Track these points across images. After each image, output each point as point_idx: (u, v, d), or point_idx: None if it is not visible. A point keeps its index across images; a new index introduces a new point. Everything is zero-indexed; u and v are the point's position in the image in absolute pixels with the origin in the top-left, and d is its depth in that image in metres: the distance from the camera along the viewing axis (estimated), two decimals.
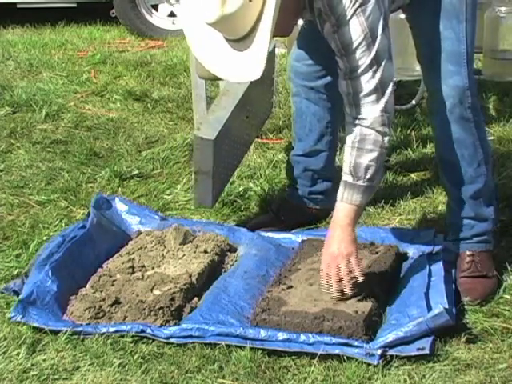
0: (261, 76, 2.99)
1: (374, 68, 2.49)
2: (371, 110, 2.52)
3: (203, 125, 3.04)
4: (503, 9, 4.59)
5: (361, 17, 2.45)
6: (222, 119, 3.03)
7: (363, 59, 2.48)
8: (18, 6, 7.13)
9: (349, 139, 2.57)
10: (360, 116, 2.53)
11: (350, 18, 2.45)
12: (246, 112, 3.22)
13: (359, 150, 2.55)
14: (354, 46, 2.47)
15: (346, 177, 2.58)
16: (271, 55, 3.32)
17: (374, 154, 2.55)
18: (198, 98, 4.03)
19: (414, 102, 4.49)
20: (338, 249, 2.56)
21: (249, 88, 3.13)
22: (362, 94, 2.51)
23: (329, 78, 3.08)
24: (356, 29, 2.46)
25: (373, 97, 2.51)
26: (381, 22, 2.48)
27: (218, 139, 3.00)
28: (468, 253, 2.86)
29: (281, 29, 2.49)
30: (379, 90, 2.51)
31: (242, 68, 2.44)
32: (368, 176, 2.56)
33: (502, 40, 4.66)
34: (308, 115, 3.17)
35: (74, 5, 7.14)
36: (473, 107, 2.75)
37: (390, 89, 2.52)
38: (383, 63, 2.49)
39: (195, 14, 2.47)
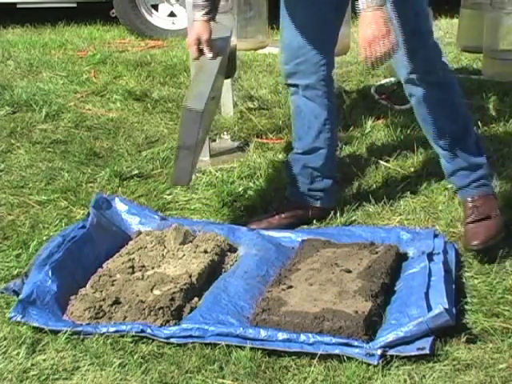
0: (224, 57, 3.16)
1: None
2: None
3: (189, 98, 3.03)
4: (503, 9, 4.59)
5: None
6: (206, 92, 3.03)
7: None
8: (18, 6, 7.12)
9: None
10: None
11: None
12: (214, 91, 3.22)
13: None
14: None
15: None
16: (228, 38, 3.36)
17: None
18: None
19: None
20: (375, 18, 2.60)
21: (219, 66, 3.15)
22: None
23: (322, 73, 3.15)
24: None
25: None
26: None
27: (204, 111, 2.99)
28: (469, 199, 3.04)
29: None
30: None
31: None
32: None
33: (501, 40, 4.67)
34: (306, 112, 3.21)
35: (74, 5, 7.14)
36: (443, 70, 2.96)
37: None
38: None
39: None
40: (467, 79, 5.00)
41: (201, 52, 3.11)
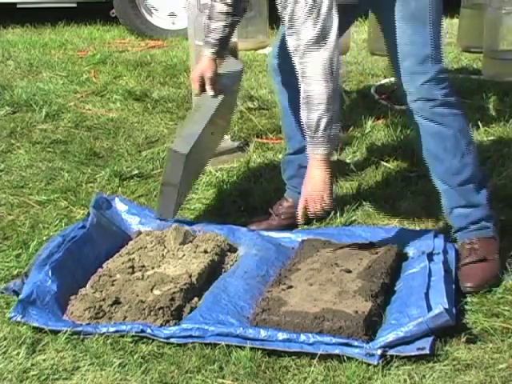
0: (230, 96, 3.22)
1: (314, 16, 2.55)
2: (313, 61, 2.58)
3: (177, 139, 3.12)
4: (503, 9, 4.59)
5: None
6: (195, 134, 3.10)
7: (300, 9, 2.55)
8: (18, 6, 7.12)
9: (300, 97, 2.68)
10: (303, 70, 2.61)
11: None
12: (213, 128, 3.29)
13: (308, 106, 2.65)
14: None
15: (306, 135, 2.71)
16: (240, 77, 3.38)
17: (323, 107, 2.62)
18: None
19: None
20: (316, 181, 2.73)
21: (219, 104, 3.19)
22: (303, 45, 2.58)
23: None
24: None
25: (315, 47, 2.57)
26: None
27: (190, 154, 3.06)
28: (467, 241, 2.91)
29: None
30: (320, 39, 2.56)
31: None
32: (322, 127, 2.65)
33: (501, 40, 4.67)
34: (293, 111, 3.20)
35: (74, 5, 7.14)
36: (446, 103, 2.82)
37: (332, 38, 2.57)
38: (323, 12, 2.55)
39: None
40: (467, 79, 5.01)
41: (203, 89, 3.13)
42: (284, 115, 3.27)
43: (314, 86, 2.61)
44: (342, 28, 3.00)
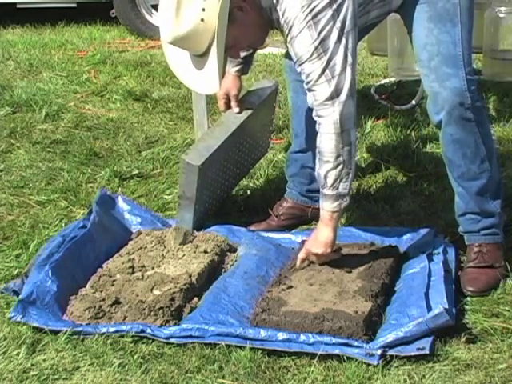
0: (260, 115, 3.20)
1: (328, 77, 2.58)
2: (326, 119, 2.62)
3: (191, 150, 3.11)
4: (503, 9, 4.58)
5: (312, 29, 2.54)
6: (211, 148, 3.09)
7: (315, 69, 2.57)
8: (18, 5, 7.13)
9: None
10: (319, 123, 2.66)
11: (302, 29, 2.55)
12: (239, 146, 3.28)
13: (318, 159, 2.70)
14: (306, 57, 2.57)
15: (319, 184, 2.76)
16: (271, 96, 3.36)
17: (330, 165, 2.67)
18: (197, 98, 4.03)
19: (414, 102, 4.49)
20: (313, 247, 2.79)
21: (245, 124, 3.19)
22: (318, 103, 2.62)
23: None
24: (307, 40, 2.56)
25: (328, 105, 2.60)
26: (335, 33, 2.55)
27: (205, 167, 3.04)
28: (476, 244, 2.89)
29: (253, 41, 2.75)
30: (334, 99, 2.59)
31: (201, 82, 2.66)
32: (329, 184, 2.69)
33: (502, 40, 4.66)
34: (304, 110, 3.18)
35: (74, 5, 7.14)
36: (473, 107, 2.73)
37: (344, 97, 2.59)
38: (337, 72, 2.57)
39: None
40: None
41: (228, 106, 3.17)
42: (294, 112, 3.26)
43: (325, 143, 2.66)
44: (359, 38, 2.99)
